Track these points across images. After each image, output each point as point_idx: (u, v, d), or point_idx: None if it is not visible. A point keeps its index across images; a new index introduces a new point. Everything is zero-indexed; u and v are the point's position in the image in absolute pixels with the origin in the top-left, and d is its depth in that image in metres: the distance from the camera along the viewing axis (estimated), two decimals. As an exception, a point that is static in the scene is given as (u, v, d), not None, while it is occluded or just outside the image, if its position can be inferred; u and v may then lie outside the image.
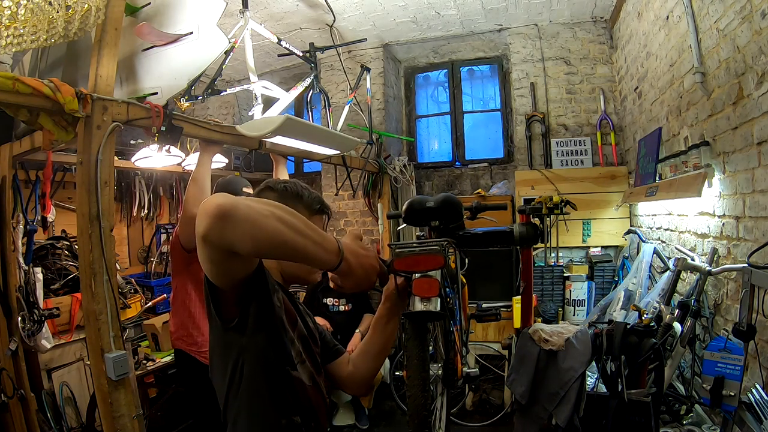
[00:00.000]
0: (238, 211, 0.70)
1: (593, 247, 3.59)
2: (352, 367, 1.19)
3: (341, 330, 3.29)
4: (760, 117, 1.62)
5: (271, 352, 0.92)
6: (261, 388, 0.91)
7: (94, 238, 1.52)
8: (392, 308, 1.15)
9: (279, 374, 0.94)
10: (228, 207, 0.69)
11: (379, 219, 3.86)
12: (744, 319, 1.48)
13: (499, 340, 3.19)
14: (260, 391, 0.91)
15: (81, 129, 1.56)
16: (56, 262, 2.88)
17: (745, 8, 1.67)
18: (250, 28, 2.25)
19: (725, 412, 1.53)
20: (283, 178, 2.09)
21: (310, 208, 1.09)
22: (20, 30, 1.38)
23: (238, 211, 0.70)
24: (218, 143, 2.12)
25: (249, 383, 0.91)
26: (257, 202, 0.76)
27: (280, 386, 0.94)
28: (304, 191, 1.11)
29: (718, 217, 2.01)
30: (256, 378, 0.91)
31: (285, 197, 1.07)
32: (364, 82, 3.52)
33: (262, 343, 0.91)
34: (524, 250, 1.64)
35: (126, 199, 3.71)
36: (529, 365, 1.63)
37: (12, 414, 2.08)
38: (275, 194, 1.08)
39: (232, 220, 0.70)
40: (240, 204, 0.71)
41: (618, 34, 3.62)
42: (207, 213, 0.70)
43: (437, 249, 1.00)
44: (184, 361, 2.16)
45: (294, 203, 1.05)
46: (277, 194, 1.08)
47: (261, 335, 0.90)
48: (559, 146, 3.85)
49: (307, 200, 1.10)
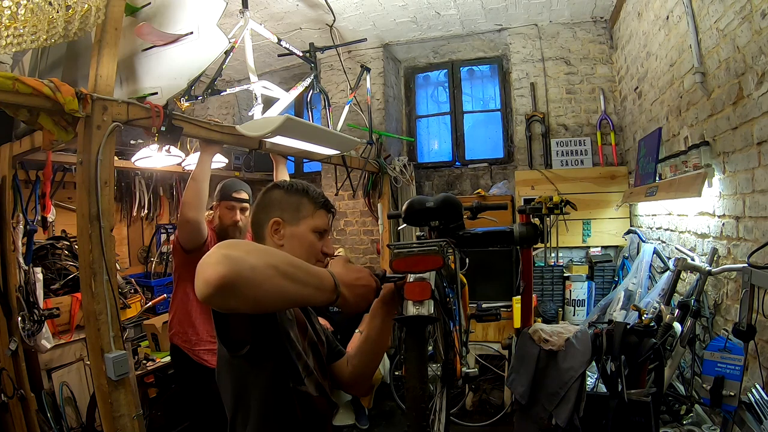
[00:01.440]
0: (241, 279, 0.68)
1: (593, 247, 3.59)
2: (351, 368, 1.20)
3: (341, 330, 3.29)
4: (760, 117, 1.62)
5: (280, 374, 0.94)
6: (269, 409, 0.93)
7: (94, 238, 1.52)
8: (386, 308, 1.16)
9: (287, 393, 0.95)
10: (230, 279, 0.67)
11: (379, 219, 3.86)
12: (744, 319, 1.47)
13: (499, 340, 3.19)
14: (268, 413, 0.93)
15: (81, 129, 1.56)
16: (56, 262, 2.88)
17: (745, 8, 1.67)
18: (250, 28, 2.25)
19: (725, 412, 1.53)
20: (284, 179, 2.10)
21: (315, 202, 1.11)
22: (20, 30, 1.38)
23: (241, 278, 0.68)
24: (218, 143, 2.12)
25: (257, 405, 0.93)
26: (258, 254, 0.73)
27: (288, 404, 0.95)
28: (310, 187, 1.14)
29: (718, 217, 2.01)
30: (264, 401, 0.93)
31: (291, 192, 1.11)
32: (364, 82, 3.52)
33: (271, 368, 0.92)
34: (524, 250, 1.64)
35: (126, 199, 3.71)
36: (529, 365, 1.63)
37: (12, 414, 2.08)
38: (281, 191, 1.11)
39: (235, 291, 0.68)
40: (243, 270, 0.69)
41: (618, 34, 3.62)
42: (208, 283, 0.66)
43: (436, 249, 1.00)
44: (179, 356, 2.20)
45: (299, 197, 1.10)
46: (284, 191, 1.11)
47: (270, 363, 0.92)
48: (559, 146, 3.85)
49: (313, 195, 1.12)
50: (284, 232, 1.08)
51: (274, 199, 1.12)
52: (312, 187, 1.15)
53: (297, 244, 1.07)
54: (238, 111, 4.98)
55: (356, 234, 4.30)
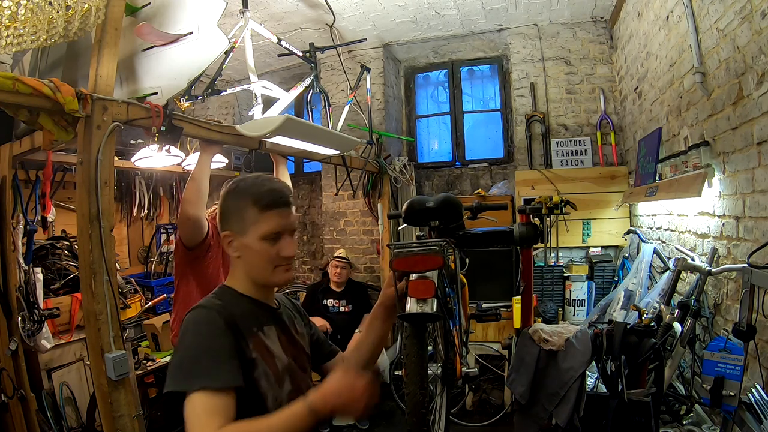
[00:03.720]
0: None
1: (593, 247, 3.59)
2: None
3: (341, 331, 3.29)
4: (760, 117, 1.62)
5: (244, 411, 0.92)
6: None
7: (94, 238, 1.52)
8: (387, 310, 1.16)
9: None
10: None
11: (379, 219, 3.86)
12: (744, 319, 1.47)
13: (499, 340, 3.19)
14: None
15: (81, 129, 1.56)
16: (56, 262, 2.88)
17: (745, 8, 1.67)
18: (250, 28, 2.25)
19: (725, 412, 1.53)
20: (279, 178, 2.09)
21: (259, 204, 1.01)
22: (20, 30, 1.38)
23: None
24: (218, 143, 2.12)
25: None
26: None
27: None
28: (256, 184, 1.04)
29: (718, 217, 2.01)
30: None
31: (235, 197, 1.04)
32: (364, 82, 3.52)
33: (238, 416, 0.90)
34: (524, 250, 1.64)
35: (126, 199, 3.71)
36: (529, 365, 1.63)
37: (12, 414, 2.08)
38: (229, 197, 1.05)
39: None
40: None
41: (618, 34, 3.62)
42: None
43: (436, 249, 1.00)
44: None
45: (244, 202, 1.02)
46: (231, 197, 1.05)
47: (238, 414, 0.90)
48: (559, 146, 3.85)
49: (257, 195, 1.02)
50: (236, 244, 1.03)
51: (224, 209, 1.05)
52: (259, 183, 1.04)
53: (251, 255, 1.02)
54: (238, 111, 4.98)
55: (356, 234, 4.30)
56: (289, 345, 1.10)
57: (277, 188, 1.04)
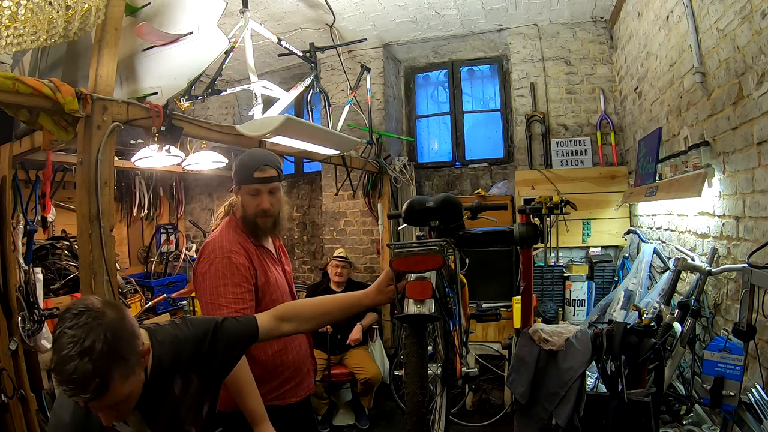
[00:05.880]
0: None
1: (593, 247, 3.59)
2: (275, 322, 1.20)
3: (341, 330, 3.29)
4: (760, 117, 1.62)
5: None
6: None
7: (94, 238, 1.52)
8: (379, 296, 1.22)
9: None
10: None
11: (379, 219, 3.86)
12: (744, 319, 1.47)
13: (499, 340, 3.19)
14: None
15: (81, 129, 1.56)
16: (56, 262, 2.89)
17: (745, 8, 1.67)
18: (250, 28, 2.25)
19: (725, 412, 1.53)
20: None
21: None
22: (20, 30, 1.38)
23: None
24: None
25: None
26: None
27: None
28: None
29: (718, 217, 2.01)
30: None
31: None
32: (364, 82, 3.52)
33: None
34: (524, 250, 1.64)
35: (126, 199, 3.71)
36: (529, 365, 1.63)
37: (12, 414, 2.08)
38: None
39: None
40: None
41: (618, 34, 3.62)
42: None
43: (436, 249, 1.00)
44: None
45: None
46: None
47: None
48: (559, 146, 3.85)
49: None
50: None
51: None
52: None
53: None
54: (238, 111, 4.98)
55: (356, 234, 4.30)
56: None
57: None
